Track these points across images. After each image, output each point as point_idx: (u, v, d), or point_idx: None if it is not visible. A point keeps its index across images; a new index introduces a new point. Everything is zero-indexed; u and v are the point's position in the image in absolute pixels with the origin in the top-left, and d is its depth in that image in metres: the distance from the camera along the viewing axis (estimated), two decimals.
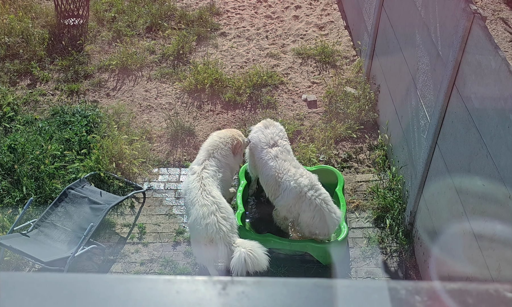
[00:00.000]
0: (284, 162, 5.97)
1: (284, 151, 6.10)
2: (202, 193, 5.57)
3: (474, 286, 1.06)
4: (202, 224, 5.40)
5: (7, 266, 5.98)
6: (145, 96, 8.58)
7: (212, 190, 5.64)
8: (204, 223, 5.40)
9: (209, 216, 5.40)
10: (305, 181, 5.81)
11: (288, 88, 8.75)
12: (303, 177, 5.85)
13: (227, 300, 1.04)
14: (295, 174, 5.86)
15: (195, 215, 5.50)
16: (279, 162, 5.97)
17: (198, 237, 5.52)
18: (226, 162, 6.10)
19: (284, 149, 6.13)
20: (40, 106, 8.27)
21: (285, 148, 6.14)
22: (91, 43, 9.64)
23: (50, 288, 1.06)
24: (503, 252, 3.92)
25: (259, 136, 6.26)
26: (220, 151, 6.06)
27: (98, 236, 6.32)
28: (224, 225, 5.39)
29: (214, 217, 5.40)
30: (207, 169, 5.85)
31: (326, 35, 10.03)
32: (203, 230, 5.41)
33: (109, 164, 6.99)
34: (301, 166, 6.07)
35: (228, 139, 6.18)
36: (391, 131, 7.00)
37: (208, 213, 5.42)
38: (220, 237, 5.36)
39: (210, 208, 5.45)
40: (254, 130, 6.42)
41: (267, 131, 6.27)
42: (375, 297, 1.05)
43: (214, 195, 5.59)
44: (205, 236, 5.41)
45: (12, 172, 6.90)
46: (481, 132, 4.29)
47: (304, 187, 5.77)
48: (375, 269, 6.03)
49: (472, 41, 4.53)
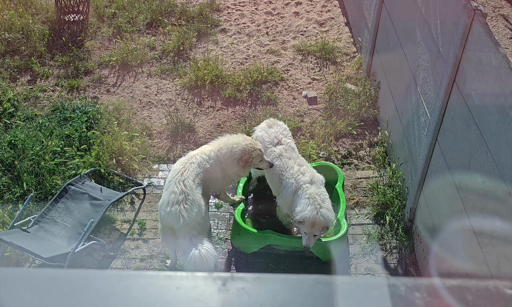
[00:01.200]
0: (288, 160, 5.95)
1: (289, 149, 6.07)
2: (177, 178, 5.45)
3: (474, 283, 1.06)
4: (166, 211, 5.36)
5: (8, 261, 5.98)
6: (145, 93, 8.58)
7: (187, 179, 5.44)
8: (167, 210, 5.34)
9: (173, 205, 5.32)
10: (305, 178, 5.78)
11: (288, 85, 8.74)
12: (304, 174, 5.83)
13: (227, 296, 1.04)
14: (297, 172, 5.84)
15: (163, 200, 5.48)
16: (284, 160, 5.96)
17: (161, 221, 5.52)
18: (223, 168, 5.82)
19: (289, 147, 6.09)
20: (41, 102, 8.27)
21: (289, 146, 6.10)
22: (91, 39, 9.63)
23: (51, 284, 1.06)
24: (502, 249, 3.92)
25: (263, 135, 6.22)
26: (227, 155, 5.76)
27: (98, 232, 6.33)
28: (185, 217, 5.25)
29: (177, 207, 5.28)
30: (200, 157, 5.68)
31: (327, 32, 10.02)
32: (165, 216, 5.38)
33: (109, 160, 6.99)
34: (305, 164, 6.04)
35: (241, 150, 5.75)
36: (391, 128, 7.00)
37: (174, 202, 5.33)
38: (179, 228, 5.27)
39: (177, 197, 5.33)
40: (258, 130, 6.38)
41: (270, 130, 6.24)
42: (374, 294, 1.06)
43: (186, 184, 5.40)
44: (165, 223, 5.40)
45: (12, 168, 6.90)
46: (481, 129, 4.29)
47: (302, 184, 5.74)
48: (375, 266, 6.03)
49: (472, 38, 4.52)
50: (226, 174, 5.88)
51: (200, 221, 5.38)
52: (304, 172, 5.84)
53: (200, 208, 5.39)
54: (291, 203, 5.81)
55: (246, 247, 6.12)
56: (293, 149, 6.13)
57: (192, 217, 5.28)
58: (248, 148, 5.71)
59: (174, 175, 5.51)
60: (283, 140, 6.13)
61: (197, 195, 5.45)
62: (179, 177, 5.45)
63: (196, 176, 5.53)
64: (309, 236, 5.58)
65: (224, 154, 5.73)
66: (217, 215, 6.63)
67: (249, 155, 5.72)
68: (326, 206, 5.61)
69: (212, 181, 5.83)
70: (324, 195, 5.72)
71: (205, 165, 5.64)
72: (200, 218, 5.38)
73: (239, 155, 5.71)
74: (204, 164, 5.63)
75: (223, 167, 5.77)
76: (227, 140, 5.85)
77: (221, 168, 5.76)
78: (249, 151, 5.71)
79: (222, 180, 5.96)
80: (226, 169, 5.81)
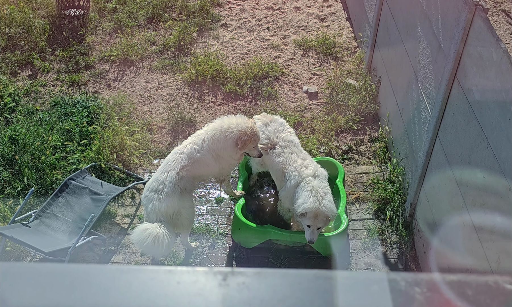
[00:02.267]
0: (291, 155, 5.93)
1: (290, 145, 6.01)
2: (165, 168, 5.52)
3: (474, 278, 1.06)
4: (145, 194, 5.53)
5: (9, 256, 5.99)
6: (146, 87, 8.57)
7: (172, 171, 5.45)
8: (146, 194, 5.51)
9: (151, 191, 5.45)
10: (308, 172, 5.77)
11: (289, 80, 8.73)
12: (307, 168, 5.81)
13: (228, 291, 1.05)
14: (300, 165, 5.82)
15: (148, 184, 5.61)
16: (286, 155, 5.93)
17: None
18: (218, 154, 5.62)
19: (288, 142, 6.05)
20: (41, 97, 8.27)
21: (289, 141, 6.06)
22: (92, 34, 9.63)
23: (51, 278, 1.07)
24: (503, 244, 3.92)
25: (260, 136, 6.15)
26: (221, 137, 5.54)
27: (99, 227, 6.34)
28: (156, 205, 5.35)
29: (153, 194, 5.41)
30: (191, 147, 5.58)
31: (328, 27, 10.01)
32: (143, 198, 5.57)
33: (110, 155, 6.99)
34: (309, 158, 6.01)
35: (240, 131, 5.52)
36: (392, 123, 7.00)
37: (152, 188, 5.45)
38: (147, 213, 5.44)
39: (157, 185, 5.43)
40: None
41: (268, 129, 6.14)
42: (375, 289, 1.06)
43: (169, 176, 5.43)
44: (143, 204, 5.57)
45: (13, 162, 6.90)
46: (482, 124, 4.29)
47: (305, 177, 5.73)
48: (375, 261, 6.04)
49: (473, 33, 4.51)
50: (221, 159, 5.69)
51: (170, 214, 5.43)
52: (308, 165, 5.83)
53: (173, 203, 5.40)
54: (293, 196, 5.79)
55: (247, 242, 6.13)
56: (292, 142, 6.06)
57: (162, 208, 5.35)
58: (248, 130, 5.52)
59: (164, 164, 5.59)
60: (279, 136, 6.06)
61: (176, 189, 5.43)
62: (166, 167, 5.52)
63: (183, 168, 5.48)
64: (312, 229, 5.56)
65: (217, 138, 5.52)
66: (217, 210, 6.63)
67: (248, 137, 5.49)
68: (328, 199, 5.60)
69: (204, 170, 5.71)
70: (326, 189, 5.71)
71: (196, 155, 5.54)
72: (171, 211, 5.42)
73: (238, 135, 5.48)
74: (195, 154, 5.54)
75: (218, 153, 5.61)
76: (222, 122, 5.63)
77: (214, 155, 5.61)
78: (248, 134, 5.51)
79: (218, 167, 5.78)
80: (220, 153, 5.61)
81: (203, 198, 6.78)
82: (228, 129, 5.52)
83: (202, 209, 6.64)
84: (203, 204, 6.71)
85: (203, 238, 6.27)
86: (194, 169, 5.57)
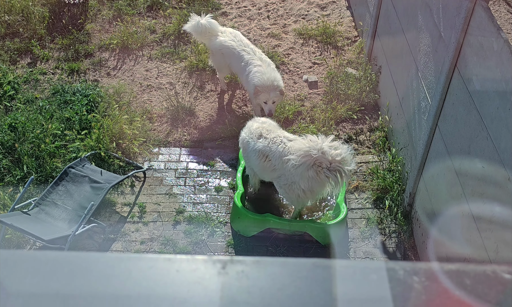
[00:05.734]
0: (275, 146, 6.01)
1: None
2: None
3: (472, 267, 1.07)
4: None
5: (8, 244, 6.01)
6: (146, 76, 8.56)
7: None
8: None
9: None
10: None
11: (289, 69, 8.71)
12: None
13: (227, 279, 1.05)
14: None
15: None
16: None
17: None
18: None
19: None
20: (41, 85, 8.25)
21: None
22: (91, 22, 9.59)
23: (51, 266, 1.07)
24: (501, 233, 3.94)
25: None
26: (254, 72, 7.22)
27: (98, 215, 6.35)
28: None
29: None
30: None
31: (328, 16, 9.97)
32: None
33: (110, 143, 6.99)
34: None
35: (263, 85, 6.97)
36: (392, 112, 7.00)
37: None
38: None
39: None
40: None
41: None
42: (373, 277, 1.06)
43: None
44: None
45: (12, 150, 6.90)
46: (481, 114, 4.29)
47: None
48: (374, 250, 6.06)
49: (474, 23, 4.50)
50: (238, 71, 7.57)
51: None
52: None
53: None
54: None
55: (246, 231, 6.15)
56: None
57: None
58: (267, 83, 6.96)
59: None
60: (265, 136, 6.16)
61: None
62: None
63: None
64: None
65: (254, 72, 7.09)
66: (217, 199, 6.64)
67: (263, 94, 6.92)
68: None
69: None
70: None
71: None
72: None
73: (258, 84, 6.94)
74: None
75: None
76: (265, 64, 7.14)
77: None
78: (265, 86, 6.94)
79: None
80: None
81: (203, 187, 6.79)
82: (265, 74, 7.06)
83: (202, 197, 6.65)
84: (202, 192, 6.72)
85: (202, 226, 6.29)
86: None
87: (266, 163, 5.90)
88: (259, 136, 5.98)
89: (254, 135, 6.03)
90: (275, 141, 5.85)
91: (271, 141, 5.86)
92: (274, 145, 5.82)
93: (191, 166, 7.07)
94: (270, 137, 5.90)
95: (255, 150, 5.96)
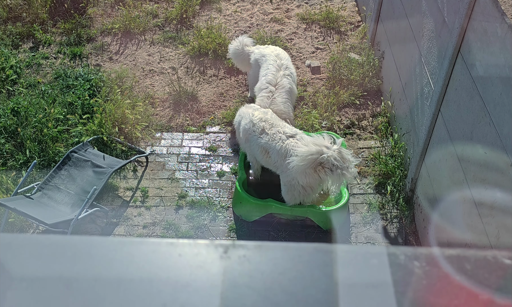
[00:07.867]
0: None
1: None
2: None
3: (473, 253, 1.07)
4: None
5: (12, 227, 6.04)
6: (148, 61, 8.54)
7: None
8: None
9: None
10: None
11: (291, 54, 8.68)
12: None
13: (229, 263, 1.06)
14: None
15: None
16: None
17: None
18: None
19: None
20: (43, 69, 8.24)
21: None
22: (93, 6, 9.55)
23: (54, 250, 1.08)
24: (502, 219, 3.94)
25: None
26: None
27: (101, 199, 6.38)
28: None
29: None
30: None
31: (331, 0, 9.91)
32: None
33: (112, 128, 7.00)
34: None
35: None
36: (394, 98, 6.98)
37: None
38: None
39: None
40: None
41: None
42: (374, 262, 1.07)
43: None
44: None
45: (15, 135, 6.91)
46: (484, 100, 4.28)
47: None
48: (375, 235, 6.08)
49: (478, 8, 4.47)
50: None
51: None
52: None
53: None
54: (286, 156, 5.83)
55: (248, 215, 6.17)
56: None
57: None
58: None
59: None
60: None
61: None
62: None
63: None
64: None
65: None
66: (219, 184, 6.66)
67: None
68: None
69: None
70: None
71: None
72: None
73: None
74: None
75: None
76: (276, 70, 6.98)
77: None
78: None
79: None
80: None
81: (205, 172, 6.80)
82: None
83: (204, 182, 6.67)
84: (204, 177, 6.74)
85: (205, 211, 6.31)
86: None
87: (268, 158, 5.96)
88: (262, 131, 5.99)
89: (257, 128, 6.03)
90: (274, 138, 5.87)
91: (271, 138, 5.89)
92: (273, 142, 5.85)
93: (193, 151, 7.08)
94: (271, 133, 5.93)
95: (258, 144, 5.99)
